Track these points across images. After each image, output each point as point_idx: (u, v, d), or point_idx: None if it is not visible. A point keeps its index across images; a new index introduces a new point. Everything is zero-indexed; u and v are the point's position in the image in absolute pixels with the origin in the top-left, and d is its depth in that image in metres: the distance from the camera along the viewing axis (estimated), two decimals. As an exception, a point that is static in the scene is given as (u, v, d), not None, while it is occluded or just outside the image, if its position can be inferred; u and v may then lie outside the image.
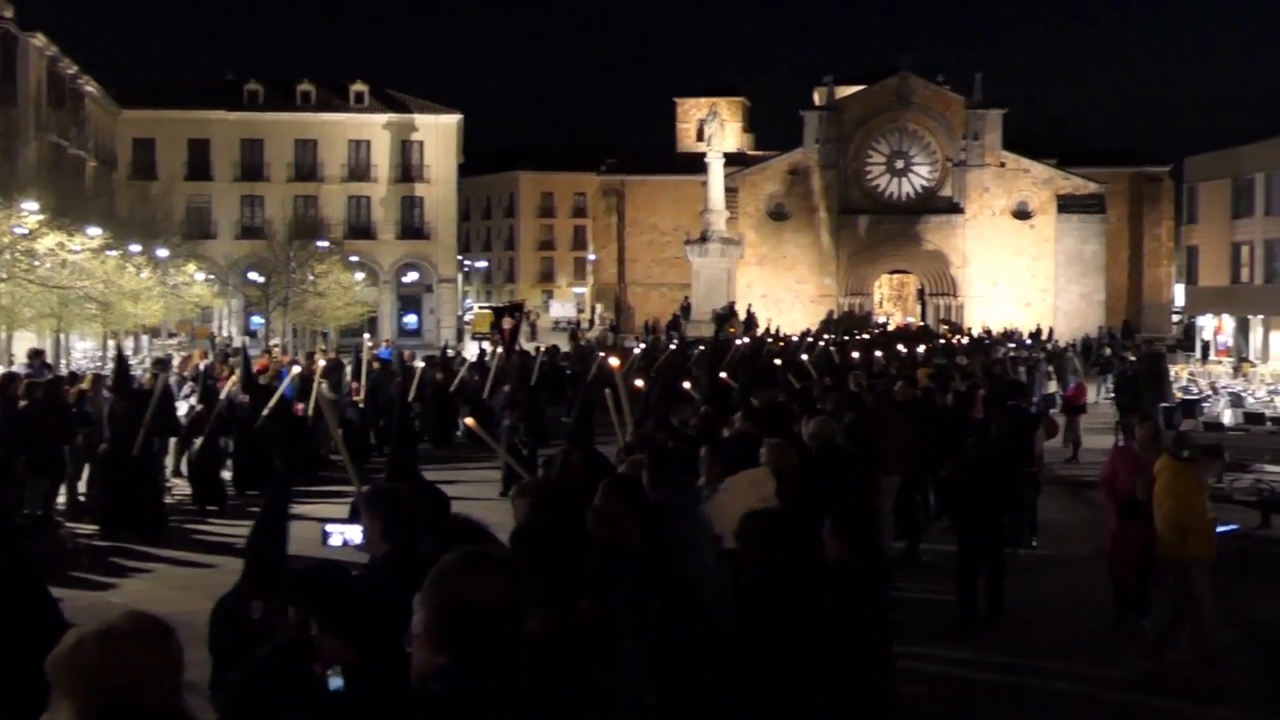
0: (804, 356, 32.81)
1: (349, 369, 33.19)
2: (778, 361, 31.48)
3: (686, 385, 25.02)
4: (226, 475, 24.97)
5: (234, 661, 6.23)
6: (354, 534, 8.43)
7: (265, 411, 24.79)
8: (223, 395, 25.25)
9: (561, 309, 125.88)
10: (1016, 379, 30.72)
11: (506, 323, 24.97)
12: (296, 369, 30.04)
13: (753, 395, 19.31)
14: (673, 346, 51.96)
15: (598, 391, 19.39)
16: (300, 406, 27.11)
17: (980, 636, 14.48)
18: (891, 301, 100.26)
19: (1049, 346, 63.38)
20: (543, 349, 44.47)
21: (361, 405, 29.84)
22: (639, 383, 17.44)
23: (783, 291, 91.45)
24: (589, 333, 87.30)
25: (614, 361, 21.62)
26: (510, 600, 4.10)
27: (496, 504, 18.69)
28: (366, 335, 44.45)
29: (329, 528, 8.60)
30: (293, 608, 5.88)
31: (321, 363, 32.46)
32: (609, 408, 14.53)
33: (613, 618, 6.00)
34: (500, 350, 40.25)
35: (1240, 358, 66.43)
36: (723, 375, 24.14)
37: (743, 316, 74.63)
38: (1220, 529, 13.96)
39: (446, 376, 35.08)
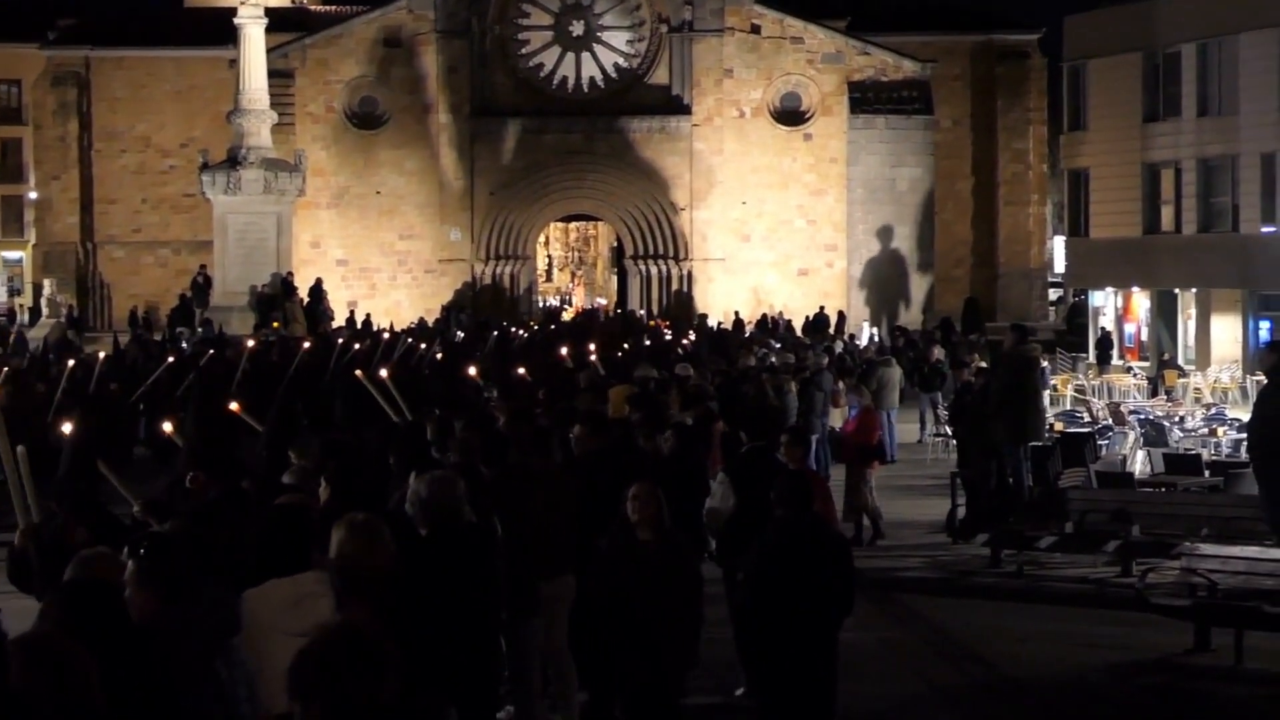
0: (383, 372, 32.54)
1: None
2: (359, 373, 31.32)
3: (168, 427, 24.59)
4: None
5: None
6: None
7: None
8: None
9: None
10: (771, 403, 31.18)
11: None
12: None
13: (293, 447, 18.88)
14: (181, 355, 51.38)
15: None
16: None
17: None
18: (568, 270, 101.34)
19: (831, 345, 64.43)
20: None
21: None
22: (66, 428, 17.08)
23: (377, 254, 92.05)
24: (32, 330, 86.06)
25: None
26: None
27: None
28: None
29: None
30: None
31: None
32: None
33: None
34: None
35: (1162, 361, 68.40)
36: (234, 407, 23.87)
37: (305, 299, 74.53)
38: None
39: None
